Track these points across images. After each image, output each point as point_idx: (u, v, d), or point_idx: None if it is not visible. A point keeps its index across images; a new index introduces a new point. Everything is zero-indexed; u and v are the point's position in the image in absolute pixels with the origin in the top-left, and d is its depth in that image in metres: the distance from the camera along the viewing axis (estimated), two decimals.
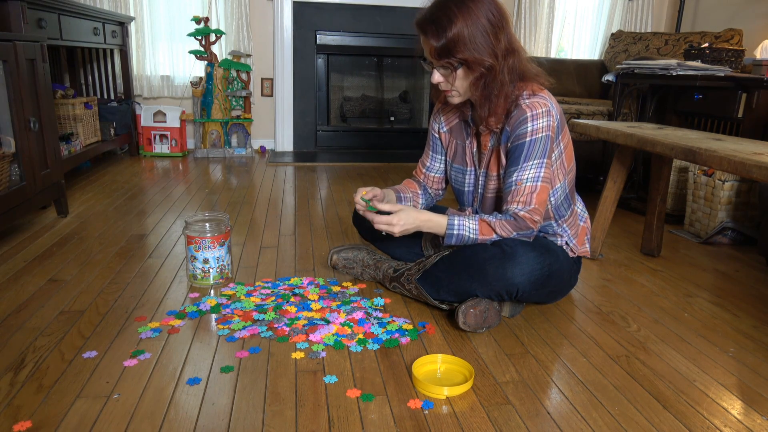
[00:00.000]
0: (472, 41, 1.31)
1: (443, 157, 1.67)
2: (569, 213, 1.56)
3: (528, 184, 1.40)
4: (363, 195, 1.50)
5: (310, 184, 3.16)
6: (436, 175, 1.70)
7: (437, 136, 1.65)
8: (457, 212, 1.62)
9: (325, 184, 3.18)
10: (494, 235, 1.43)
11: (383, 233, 1.47)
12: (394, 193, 1.66)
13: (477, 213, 1.56)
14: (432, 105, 4.44)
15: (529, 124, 1.38)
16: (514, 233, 1.42)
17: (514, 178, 1.42)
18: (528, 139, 1.39)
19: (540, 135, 1.38)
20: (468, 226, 1.43)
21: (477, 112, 1.48)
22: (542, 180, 1.41)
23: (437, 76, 1.40)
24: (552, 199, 1.51)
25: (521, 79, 1.41)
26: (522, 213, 1.41)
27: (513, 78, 1.38)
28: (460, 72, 1.36)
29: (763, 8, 3.54)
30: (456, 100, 1.45)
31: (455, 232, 1.43)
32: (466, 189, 1.61)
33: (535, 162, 1.40)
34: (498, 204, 1.52)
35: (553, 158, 1.45)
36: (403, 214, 1.43)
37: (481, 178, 1.55)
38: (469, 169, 1.58)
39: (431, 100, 4.45)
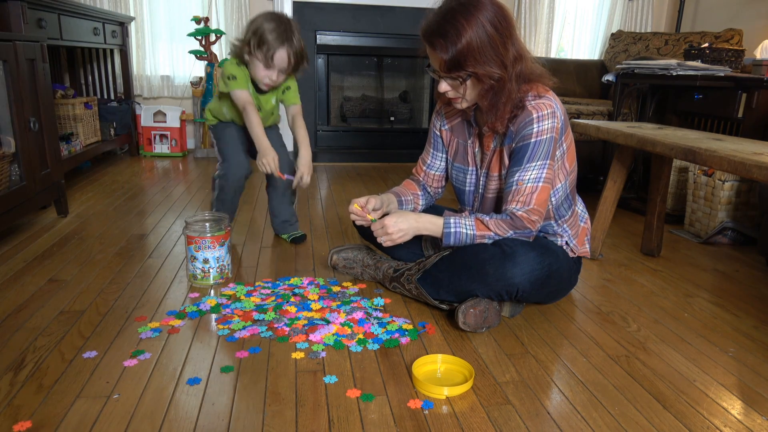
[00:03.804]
0: (481, 54, 1.30)
1: (444, 155, 1.67)
2: (570, 213, 1.56)
3: (529, 184, 1.40)
4: (356, 207, 1.53)
5: (310, 184, 3.15)
6: (437, 173, 1.70)
7: (438, 133, 1.65)
8: (453, 213, 1.62)
9: (325, 184, 3.18)
10: (491, 233, 1.43)
11: (383, 243, 1.49)
12: (395, 197, 1.66)
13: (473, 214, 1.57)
14: (432, 104, 4.45)
15: (535, 126, 1.38)
16: (510, 232, 1.42)
17: (515, 178, 1.42)
18: (533, 140, 1.39)
19: (544, 137, 1.38)
20: (464, 224, 1.44)
21: (481, 115, 1.48)
22: (543, 181, 1.41)
23: (444, 86, 1.39)
24: (553, 199, 1.50)
25: (526, 81, 1.40)
26: (519, 213, 1.41)
27: (520, 83, 1.38)
28: (468, 83, 1.36)
29: (763, 8, 3.54)
30: (463, 105, 1.44)
31: (452, 230, 1.44)
32: (466, 189, 1.61)
33: (538, 163, 1.40)
34: (498, 204, 1.52)
35: (556, 159, 1.45)
36: (395, 218, 1.45)
37: (482, 179, 1.55)
38: (470, 168, 1.58)
39: (431, 100, 4.47)
